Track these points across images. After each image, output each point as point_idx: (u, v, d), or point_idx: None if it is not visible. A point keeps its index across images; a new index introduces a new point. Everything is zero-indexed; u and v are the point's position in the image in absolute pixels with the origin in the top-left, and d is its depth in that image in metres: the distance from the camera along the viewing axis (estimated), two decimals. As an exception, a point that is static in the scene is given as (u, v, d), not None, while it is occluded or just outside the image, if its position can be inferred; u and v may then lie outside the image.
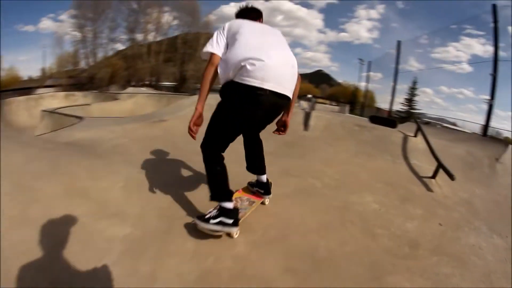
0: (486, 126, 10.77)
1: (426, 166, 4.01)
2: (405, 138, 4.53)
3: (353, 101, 51.50)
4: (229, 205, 1.84)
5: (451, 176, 3.42)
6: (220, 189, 1.86)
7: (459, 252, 2.21)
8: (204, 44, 1.84)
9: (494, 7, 8.70)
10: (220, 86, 1.80)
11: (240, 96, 1.70)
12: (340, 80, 75.60)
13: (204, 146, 1.85)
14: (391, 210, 2.78)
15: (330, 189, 3.04)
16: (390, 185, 3.35)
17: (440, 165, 3.60)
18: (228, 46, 1.78)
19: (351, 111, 45.29)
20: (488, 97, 8.98)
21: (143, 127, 4.79)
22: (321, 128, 4.83)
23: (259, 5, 2.33)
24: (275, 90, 1.70)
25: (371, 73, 28.64)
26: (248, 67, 1.63)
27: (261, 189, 2.35)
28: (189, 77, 33.13)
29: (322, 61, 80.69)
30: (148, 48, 30.81)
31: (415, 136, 4.59)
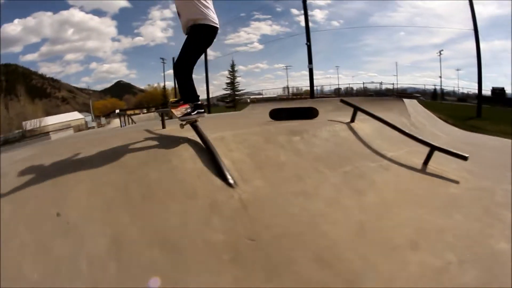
0: (311, 88, 12.70)
1: (399, 153, 3.26)
2: (351, 128, 3.60)
3: (166, 101, 50.49)
4: (199, 101, 2.87)
5: (464, 157, 2.78)
6: (194, 93, 2.82)
7: None
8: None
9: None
10: (191, 23, 2.65)
11: (210, 34, 2.70)
12: (142, 86, 71.19)
13: (181, 66, 2.74)
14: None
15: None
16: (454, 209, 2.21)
17: (438, 149, 2.89)
18: None
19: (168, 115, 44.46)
20: (283, 65, 10.44)
21: None
22: (239, 161, 2.65)
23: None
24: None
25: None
26: (211, 12, 2.64)
27: None
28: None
29: (119, 71, 71.08)
30: None
31: (353, 121, 3.76)
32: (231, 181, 2.23)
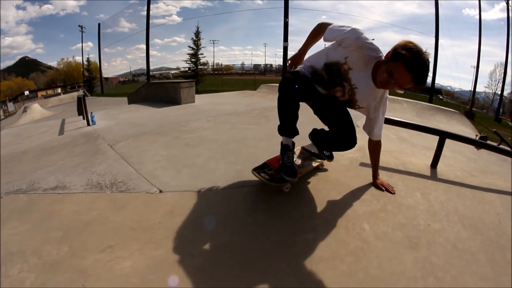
0: (284, 65, 12.45)
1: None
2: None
3: (89, 78, 42.65)
4: None
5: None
6: None
7: None
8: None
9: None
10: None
11: None
12: (51, 62, 58.76)
13: None
14: None
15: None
16: None
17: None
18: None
19: (92, 93, 37.30)
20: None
21: None
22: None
23: None
24: None
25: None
26: None
27: None
28: None
29: (24, 45, 56.22)
30: None
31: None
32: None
